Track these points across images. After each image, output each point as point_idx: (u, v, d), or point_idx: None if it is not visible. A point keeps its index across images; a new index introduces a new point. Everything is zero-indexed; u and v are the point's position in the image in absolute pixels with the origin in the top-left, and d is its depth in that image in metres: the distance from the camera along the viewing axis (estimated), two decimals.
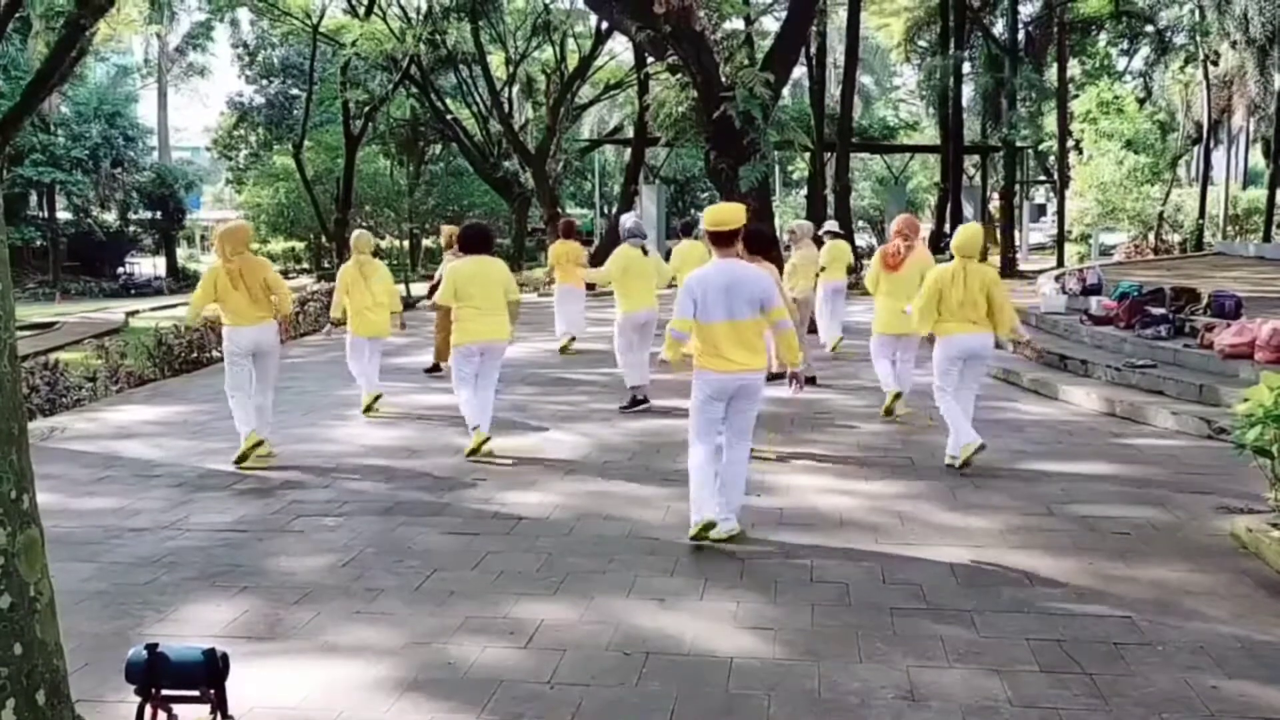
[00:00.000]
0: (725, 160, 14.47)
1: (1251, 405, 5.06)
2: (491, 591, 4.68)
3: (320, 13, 25.78)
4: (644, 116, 22.32)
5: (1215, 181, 37.17)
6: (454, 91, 30.39)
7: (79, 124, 34.84)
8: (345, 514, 5.93)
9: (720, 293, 5.17)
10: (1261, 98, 32.59)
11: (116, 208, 37.78)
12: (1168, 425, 7.92)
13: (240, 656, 3.64)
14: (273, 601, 4.59)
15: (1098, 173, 30.86)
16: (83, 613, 4.44)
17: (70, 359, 12.71)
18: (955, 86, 23.20)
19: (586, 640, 4.14)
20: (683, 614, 4.40)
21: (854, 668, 3.87)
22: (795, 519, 5.72)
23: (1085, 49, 34.74)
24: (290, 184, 33.96)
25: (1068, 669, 3.83)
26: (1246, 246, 29.67)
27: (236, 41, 41.30)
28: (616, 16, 16.23)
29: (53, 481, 6.69)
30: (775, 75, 14.73)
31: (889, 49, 38.04)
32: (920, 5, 31.56)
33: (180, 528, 5.70)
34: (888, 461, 6.91)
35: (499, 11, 26.98)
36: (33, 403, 9.86)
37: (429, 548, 5.31)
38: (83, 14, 12.12)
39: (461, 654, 4.03)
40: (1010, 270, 25.45)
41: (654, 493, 6.26)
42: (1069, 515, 5.71)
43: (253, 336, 7.09)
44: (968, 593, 4.60)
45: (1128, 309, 11.02)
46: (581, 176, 40.37)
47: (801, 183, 36.73)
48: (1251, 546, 5.09)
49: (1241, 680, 3.74)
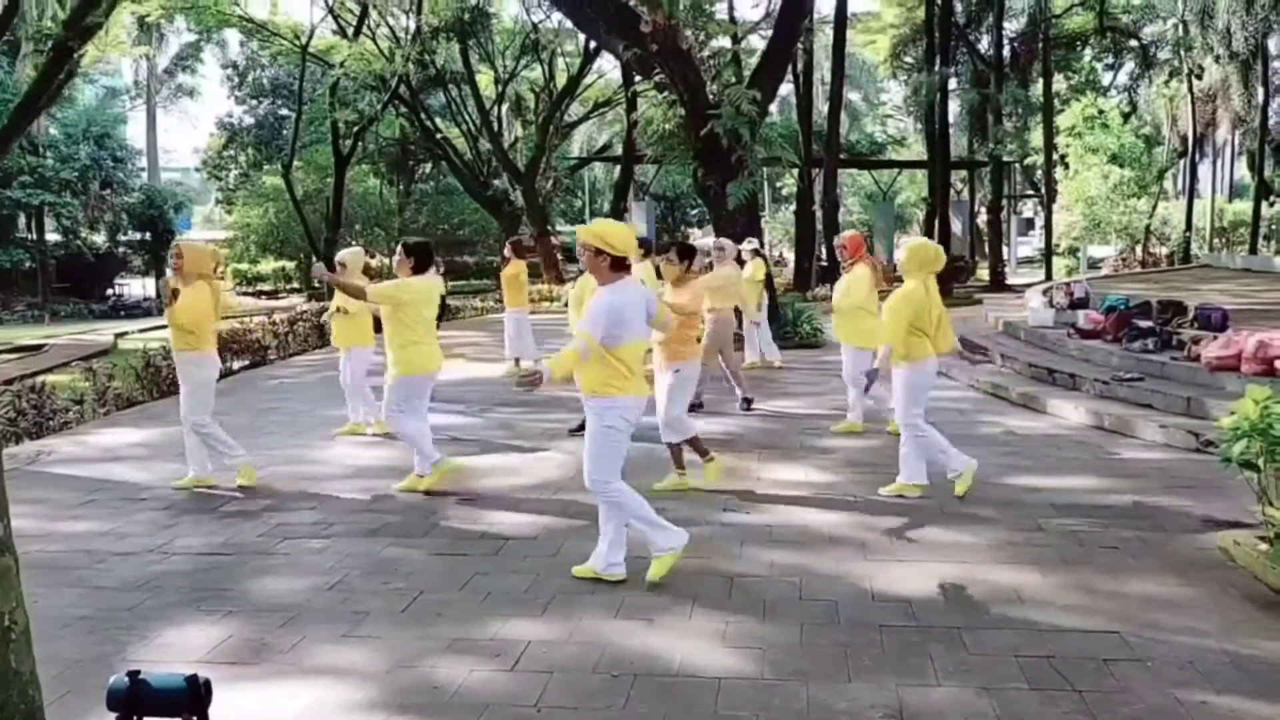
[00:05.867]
0: (713, 177, 14.50)
1: (1237, 419, 5.07)
2: (478, 613, 4.65)
3: (309, 33, 25.84)
4: (632, 134, 22.42)
5: (1201, 194, 37.47)
6: (443, 110, 30.48)
7: (68, 146, 34.81)
8: (331, 536, 5.89)
9: (638, 312, 4.94)
10: (1245, 111, 32.90)
11: (106, 229, 37.73)
12: (1155, 438, 7.93)
13: (224, 681, 3.60)
14: (258, 625, 4.55)
15: (1084, 187, 31.07)
16: (65, 638, 4.40)
17: (58, 381, 12.65)
18: (942, 102, 23.34)
19: (574, 662, 4.11)
20: (671, 634, 4.38)
21: (842, 687, 3.85)
22: (783, 536, 5.70)
23: (1070, 64, 35.07)
24: (280, 204, 34.00)
25: (1057, 686, 3.82)
26: (1233, 258, 29.85)
27: (226, 62, 41.51)
28: (604, 35, 16.28)
29: (38, 506, 6.64)
30: (762, 92, 14.77)
31: (876, 65, 38.28)
32: (906, 22, 31.81)
33: (165, 551, 5.66)
34: (876, 478, 6.90)
35: (487, 31, 27.13)
36: (19, 426, 9.81)
37: (415, 569, 5.28)
38: (71, 36, 12.09)
39: (448, 676, 4.00)
40: (998, 284, 25.60)
41: None
42: (1057, 530, 5.71)
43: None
44: (956, 609, 4.58)
45: (1115, 322, 11.06)
46: (571, 194, 40.51)
47: (790, 199, 36.87)
48: (1239, 560, 5.09)
49: (1230, 695, 3.73)
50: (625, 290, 4.87)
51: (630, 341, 4.88)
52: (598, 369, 4.85)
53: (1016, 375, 10.80)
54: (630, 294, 4.88)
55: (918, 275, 6.37)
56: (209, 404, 6.98)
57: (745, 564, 5.24)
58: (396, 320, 6.67)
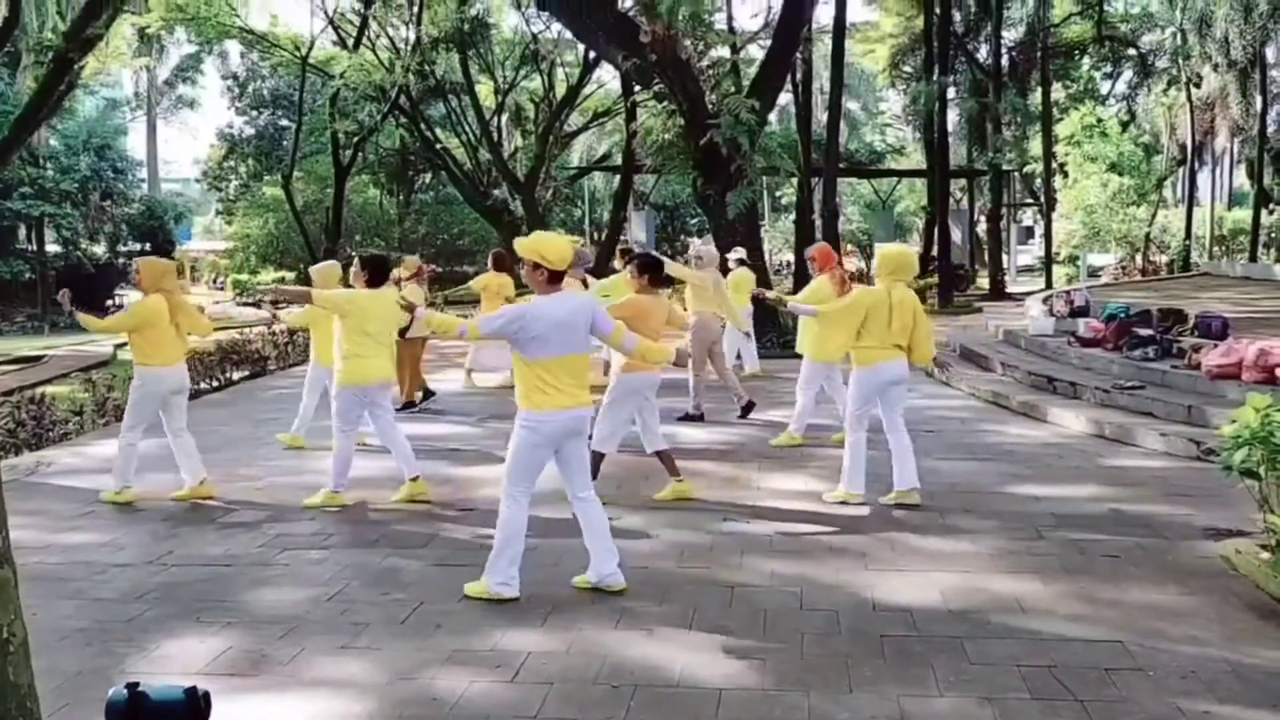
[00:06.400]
0: (713, 186, 14.53)
1: (1238, 427, 5.06)
2: (478, 623, 4.64)
3: (309, 44, 25.90)
4: (632, 144, 22.44)
5: (1201, 202, 37.49)
6: (443, 121, 30.53)
7: (68, 157, 34.81)
8: (330, 547, 5.88)
9: (554, 326, 4.80)
10: (1244, 119, 32.95)
11: (106, 240, 37.69)
12: (1156, 446, 7.92)
13: (223, 694, 3.59)
14: (257, 637, 4.54)
15: (1083, 195, 31.12)
16: (64, 651, 4.39)
17: (57, 393, 12.65)
18: (940, 111, 23.34)
19: (574, 672, 4.10)
20: (671, 644, 4.37)
21: (844, 697, 3.83)
22: (784, 546, 5.69)
23: (1069, 73, 35.09)
24: (280, 214, 34.01)
25: (1059, 696, 3.80)
26: (1233, 266, 29.88)
27: (226, 74, 41.53)
28: (603, 45, 16.36)
29: (37, 517, 6.63)
30: (761, 102, 14.81)
31: (874, 74, 38.34)
32: (904, 31, 31.85)
33: (164, 563, 5.65)
34: (876, 487, 6.89)
35: (487, 42, 27.20)
36: (19, 437, 9.80)
37: (415, 580, 5.27)
38: (71, 48, 12.13)
39: (448, 688, 3.98)
40: (998, 293, 25.60)
41: (642, 521, 6.22)
42: (1058, 539, 5.69)
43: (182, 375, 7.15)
44: (958, 619, 4.57)
45: (1115, 330, 11.05)
46: (571, 203, 40.51)
47: (790, 208, 36.89)
48: (1241, 569, 5.08)
49: (1233, 705, 3.72)
50: (557, 304, 4.85)
51: (552, 356, 4.80)
52: (520, 378, 4.90)
53: (1017, 384, 10.79)
54: (562, 309, 4.84)
55: (886, 280, 6.41)
56: (138, 418, 6.98)
57: (746, 574, 5.23)
58: (344, 330, 6.73)
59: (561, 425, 4.87)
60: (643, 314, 6.30)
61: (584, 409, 4.97)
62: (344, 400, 6.75)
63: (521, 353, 4.82)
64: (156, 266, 7.13)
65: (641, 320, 6.13)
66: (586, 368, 5.08)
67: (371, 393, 6.80)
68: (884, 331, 6.33)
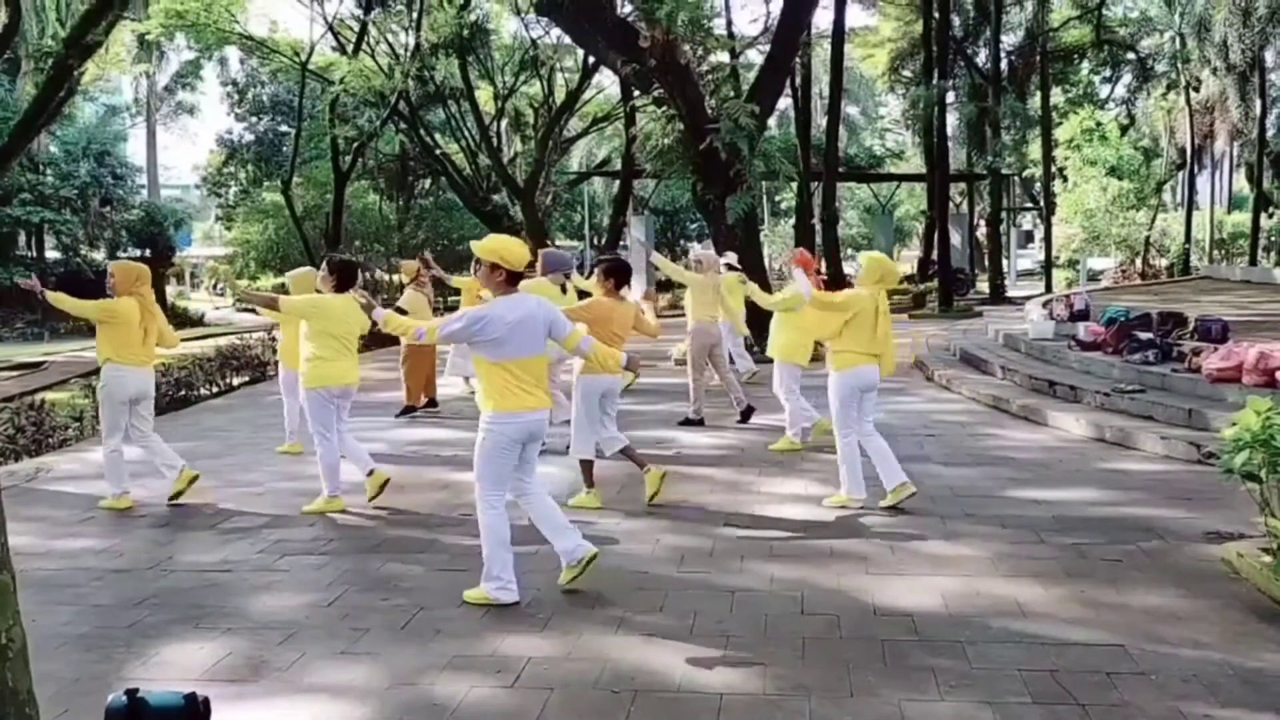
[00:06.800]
0: (712, 191, 14.52)
1: (1239, 430, 5.05)
2: (478, 629, 4.63)
3: (309, 50, 25.91)
4: (632, 149, 22.45)
5: (1200, 206, 37.52)
6: (443, 126, 30.53)
7: (68, 163, 34.85)
8: (330, 552, 5.88)
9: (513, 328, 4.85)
10: (1243, 123, 32.97)
11: (105, 246, 37.70)
12: (1157, 450, 7.92)
13: (223, 700, 3.58)
14: (256, 643, 4.53)
15: (1082, 199, 31.15)
16: (63, 657, 4.38)
17: (57, 399, 12.65)
18: (940, 115, 23.35)
19: (574, 678, 4.09)
20: (672, 649, 4.35)
21: (845, 702, 3.82)
22: (785, 550, 5.68)
23: (1068, 77, 35.18)
24: (280, 220, 34.01)
25: (1060, 700, 3.79)
26: (1233, 270, 29.90)
27: (225, 79, 41.54)
28: (602, 51, 16.34)
29: (36, 523, 6.63)
30: (761, 107, 14.81)
31: (874, 79, 38.41)
32: (903, 36, 31.93)
33: (164, 569, 5.64)
34: (877, 491, 6.88)
35: (487, 47, 27.19)
36: (18, 443, 9.80)
37: (415, 585, 5.26)
38: (71, 54, 12.13)
39: (447, 694, 3.97)
40: (998, 297, 25.60)
41: (642, 526, 6.22)
42: (1059, 543, 5.69)
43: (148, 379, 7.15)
44: (959, 623, 4.56)
45: (1116, 334, 11.05)
46: (571, 208, 40.56)
47: (789, 213, 36.92)
48: (1242, 572, 5.07)
49: (1234, 708, 3.71)
50: (515, 306, 4.89)
51: (511, 357, 4.85)
52: (486, 380, 4.93)
53: (1017, 388, 10.79)
54: (520, 311, 4.88)
55: (872, 287, 6.45)
56: (113, 422, 6.98)
57: (746, 578, 5.22)
58: (309, 334, 6.74)
59: (527, 426, 4.94)
60: (603, 317, 6.49)
61: (545, 410, 5.04)
62: (313, 404, 6.73)
63: (483, 354, 4.89)
64: (131, 270, 7.21)
65: (602, 324, 6.35)
66: (545, 369, 5.14)
67: (336, 395, 6.79)
68: (868, 337, 6.39)
